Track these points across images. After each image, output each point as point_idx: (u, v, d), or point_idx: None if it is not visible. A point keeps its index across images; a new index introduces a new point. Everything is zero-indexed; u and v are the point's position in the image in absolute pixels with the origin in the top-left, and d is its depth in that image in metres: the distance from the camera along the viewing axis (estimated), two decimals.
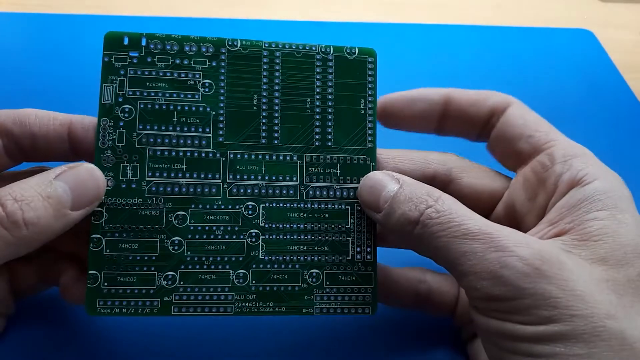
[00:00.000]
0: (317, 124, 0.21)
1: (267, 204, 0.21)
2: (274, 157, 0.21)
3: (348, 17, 0.42)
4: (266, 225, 0.21)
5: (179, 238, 0.20)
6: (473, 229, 0.17)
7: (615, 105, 0.36)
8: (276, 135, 0.21)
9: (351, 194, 0.21)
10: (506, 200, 0.22)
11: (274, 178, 0.21)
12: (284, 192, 0.21)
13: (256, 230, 0.21)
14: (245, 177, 0.21)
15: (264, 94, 0.21)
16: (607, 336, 0.15)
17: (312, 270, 0.21)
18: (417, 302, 0.23)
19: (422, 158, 0.22)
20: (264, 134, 0.21)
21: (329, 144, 0.21)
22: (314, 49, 0.22)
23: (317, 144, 0.21)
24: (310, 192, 0.21)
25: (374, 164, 0.22)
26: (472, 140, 0.23)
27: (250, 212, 0.21)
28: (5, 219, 0.17)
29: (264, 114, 0.21)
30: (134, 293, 0.20)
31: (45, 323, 0.23)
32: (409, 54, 0.39)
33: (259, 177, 0.21)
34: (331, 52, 0.22)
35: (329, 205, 0.21)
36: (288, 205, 0.21)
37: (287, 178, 0.21)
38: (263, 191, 0.21)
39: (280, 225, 0.21)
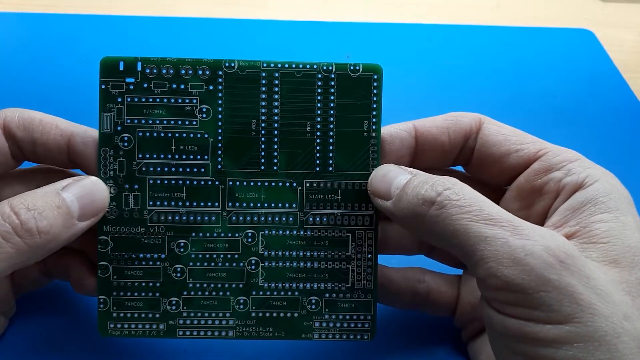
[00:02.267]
0: (318, 148, 0.21)
1: (266, 232, 0.21)
2: (273, 184, 0.21)
3: (348, 17, 0.41)
4: (265, 253, 0.21)
5: (181, 265, 0.21)
6: (495, 215, 0.16)
7: (615, 105, 0.35)
8: (275, 161, 0.21)
9: (352, 220, 0.21)
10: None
11: (273, 205, 0.21)
12: (283, 219, 0.21)
13: (255, 258, 0.21)
14: (244, 204, 0.21)
15: (263, 117, 0.21)
16: (627, 338, 0.15)
17: (311, 297, 0.21)
18: (416, 302, 0.23)
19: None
20: (263, 160, 0.21)
21: (330, 169, 0.21)
22: (315, 67, 0.21)
23: (317, 169, 0.21)
24: (310, 219, 0.21)
25: None
26: (448, 166, 0.22)
27: (249, 240, 0.21)
28: (20, 227, 0.18)
29: (263, 139, 0.21)
30: (141, 317, 0.21)
31: (46, 323, 0.24)
32: (409, 54, 0.38)
33: (258, 205, 0.21)
34: (333, 70, 0.21)
35: (329, 233, 0.21)
36: (287, 232, 0.21)
37: (287, 205, 0.21)
38: (262, 219, 0.21)
39: (280, 253, 0.21)
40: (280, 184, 0.21)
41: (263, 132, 0.21)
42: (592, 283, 0.15)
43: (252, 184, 0.21)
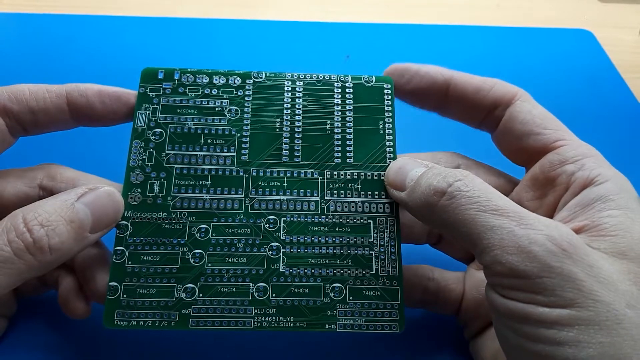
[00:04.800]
0: (337, 143, 0.22)
1: (288, 218, 0.21)
2: (295, 174, 0.21)
3: (348, 17, 0.42)
4: (287, 238, 0.20)
5: (200, 251, 0.20)
6: (502, 206, 0.17)
7: (615, 105, 0.36)
8: (297, 154, 0.22)
9: (373, 208, 0.21)
10: (514, 198, 0.21)
11: (295, 193, 0.21)
12: (305, 206, 0.21)
13: (277, 243, 0.20)
14: (267, 192, 0.21)
15: (286, 117, 0.22)
16: (629, 325, 0.15)
17: (334, 285, 0.20)
18: (424, 300, 0.23)
19: (430, 158, 0.22)
20: (285, 153, 0.22)
21: (349, 161, 0.22)
22: (333, 78, 0.23)
23: (337, 161, 0.22)
24: (332, 207, 0.21)
25: None
26: (473, 127, 0.23)
27: (271, 226, 0.21)
28: (32, 245, 0.17)
29: (286, 135, 0.22)
30: (152, 305, 0.19)
31: (47, 324, 0.23)
32: (409, 54, 0.39)
33: (280, 193, 0.21)
34: (349, 80, 0.23)
35: (351, 219, 0.21)
36: (309, 219, 0.21)
37: (308, 193, 0.21)
38: (284, 205, 0.21)
39: (301, 239, 0.20)
40: (302, 173, 0.22)
41: (286, 129, 0.22)
42: (595, 272, 0.16)
43: (274, 173, 0.21)
